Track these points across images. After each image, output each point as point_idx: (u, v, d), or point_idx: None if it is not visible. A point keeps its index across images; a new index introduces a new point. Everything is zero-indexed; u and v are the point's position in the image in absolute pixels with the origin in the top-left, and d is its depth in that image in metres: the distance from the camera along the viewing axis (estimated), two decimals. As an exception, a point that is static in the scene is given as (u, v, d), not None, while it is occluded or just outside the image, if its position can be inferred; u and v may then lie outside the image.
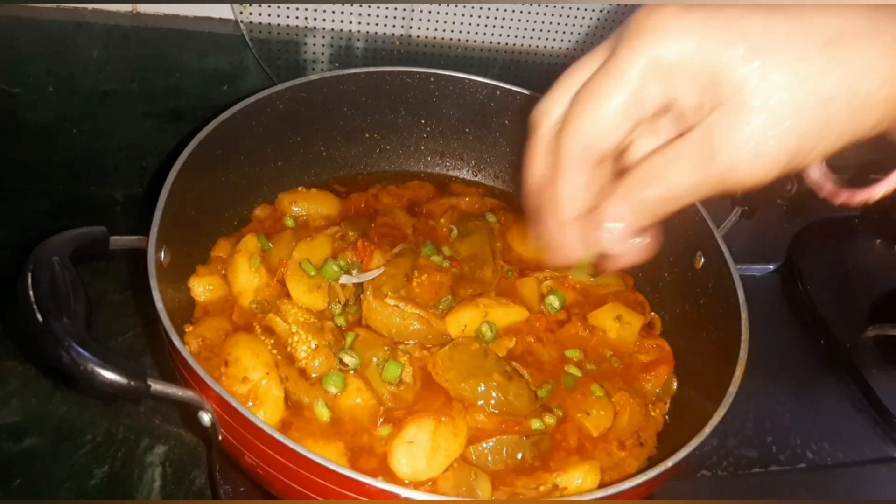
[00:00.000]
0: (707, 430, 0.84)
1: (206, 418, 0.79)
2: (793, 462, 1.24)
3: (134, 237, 0.90)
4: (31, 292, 0.73)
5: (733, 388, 0.89)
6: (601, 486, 0.94)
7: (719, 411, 0.86)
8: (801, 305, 1.49)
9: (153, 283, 0.83)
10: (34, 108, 1.40)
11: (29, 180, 1.47)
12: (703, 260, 1.12)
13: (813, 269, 1.55)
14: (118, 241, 0.89)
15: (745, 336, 0.96)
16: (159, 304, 0.81)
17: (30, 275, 0.74)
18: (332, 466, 0.71)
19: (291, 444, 0.72)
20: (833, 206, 1.74)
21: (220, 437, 0.82)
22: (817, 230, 1.67)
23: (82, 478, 1.10)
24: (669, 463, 0.80)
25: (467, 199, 1.33)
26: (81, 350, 0.71)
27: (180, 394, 0.76)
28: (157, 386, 0.74)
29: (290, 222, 1.18)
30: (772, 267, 1.59)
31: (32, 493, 1.07)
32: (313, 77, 1.20)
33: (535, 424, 0.99)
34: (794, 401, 1.34)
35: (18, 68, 1.34)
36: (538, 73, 1.47)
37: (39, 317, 0.71)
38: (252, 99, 1.12)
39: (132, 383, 0.72)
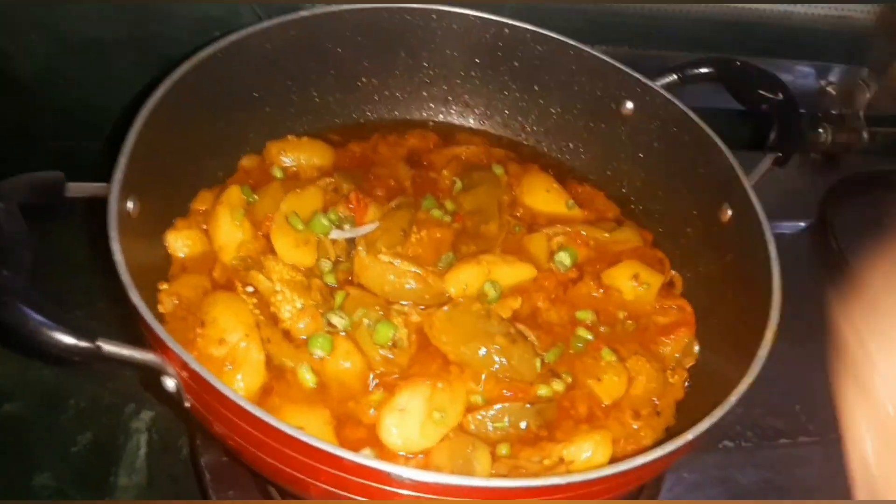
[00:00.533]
0: (733, 399, 0.75)
1: (169, 383, 0.72)
2: (823, 433, 1.15)
3: (96, 184, 0.81)
4: (-32, 242, 0.64)
5: (763, 353, 0.80)
6: (613, 459, 0.86)
7: (746, 378, 0.77)
8: (833, 265, 1.39)
9: (112, 232, 0.75)
10: (21, 60, 1.31)
11: (17, 136, 1.39)
12: (730, 212, 1.02)
13: (847, 226, 1.45)
14: (78, 187, 0.80)
15: (776, 296, 0.86)
16: (117, 255, 0.73)
17: (-31, 223, 0.66)
18: (304, 438, 0.63)
19: (260, 414, 0.64)
20: (868, 160, 1.64)
21: (187, 405, 0.74)
22: (851, 185, 1.57)
23: (65, 444, 1.05)
24: (689, 436, 0.71)
25: (473, 148, 1.23)
26: (23, 306, 0.63)
27: (137, 356, 0.68)
28: (109, 347, 0.66)
29: (277, 173, 1.09)
30: (803, 224, 1.49)
31: (12, 461, 1.01)
32: (303, 14, 1.09)
33: (542, 391, 0.91)
34: (824, 368, 1.24)
35: (4, 20, 1.25)
36: (553, 13, 1.35)
37: (-24, 269, 0.63)
38: (234, 37, 1.03)
39: (80, 344, 0.64)
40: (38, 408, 1.07)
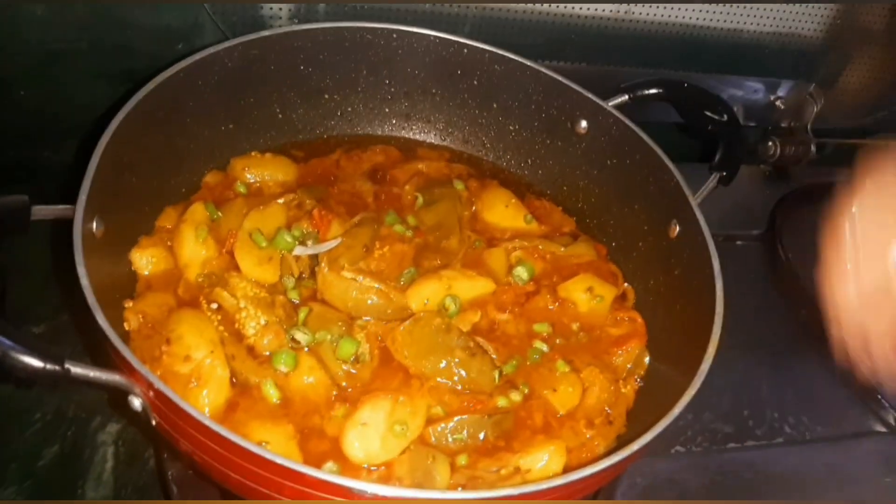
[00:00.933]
0: (676, 410, 0.79)
1: (136, 403, 0.73)
2: (770, 437, 1.20)
3: (60, 206, 0.82)
4: (-67, 268, 0.65)
5: (705, 366, 0.84)
6: (566, 467, 0.90)
7: (690, 390, 0.82)
8: (782, 275, 1.44)
9: (78, 256, 0.76)
10: (-26, 69, 1.31)
11: (-29, 147, 1.39)
12: (678, 228, 1.06)
13: (795, 237, 1.50)
14: (42, 210, 0.81)
15: (719, 310, 0.90)
16: (83, 279, 0.74)
17: (-67, 249, 0.67)
18: (267, 455, 0.65)
19: (223, 432, 0.66)
20: (817, 171, 1.70)
21: (153, 423, 0.75)
22: (801, 197, 1.62)
23: (30, 458, 1.04)
24: (636, 446, 0.75)
25: (434, 164, 1.26)
26: (-11, 331, 0.64)
27: (104, 377, 0.70)
28: (77, 369, 0.68)
29: (241, 188, 1.11)
30: (754, 233, 1.54)
31: (-26, 475, 1.01)
32: (265, 33, 1.11)
33: (500, 402, 0.94)
34: (772, 374, 1.30)
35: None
36: (511, 31, 1.39)
37: (-59, 295, 0.64)
38: (197, 56, 1.04)
39: (48, 367, 0.66)
40: (2, 421, 1.06)
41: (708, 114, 1.13)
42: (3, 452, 1.03)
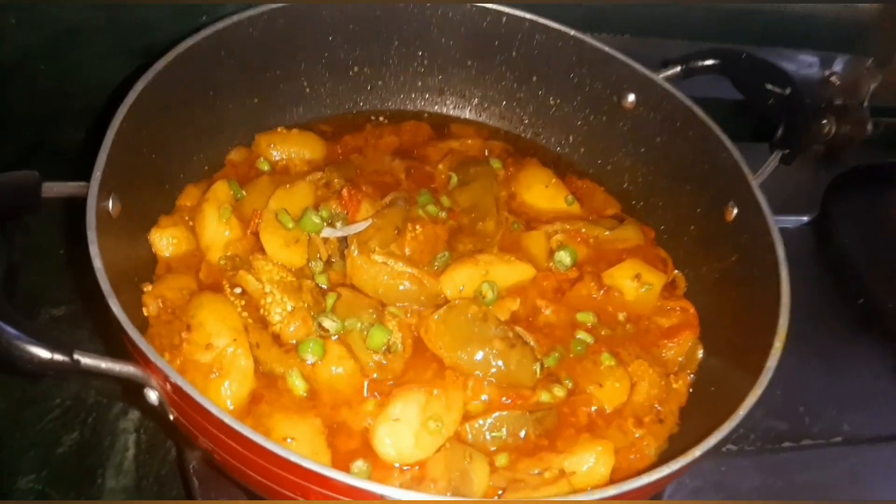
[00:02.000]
0: (741, 411, 0.73)
1: (152, 396, 0.68)
2: (827, 436, 1.13)
3: (73, 183, 0.77)
4: (-66, 250, 0.60)
5: (772, 363, 0.77)
6: (615, 469, 0.83)
7: (755, 390, 0.75)
8: (836, 262, 1.37)
9: (91, 234, 0.71)
10: (-6, 43, 1.26)
11: (-12, 124, 1.35)
12: (735, 211, 0.98)
13: (850, 220, 1.43)
14: (54, 188, 0.76)
15: (785, 300, 0.83)
16: (96, 261, 0.69)
17: (-65, 229, 0.62)
18: (292, 457, 0.60)
19: (246, 431, 0.61)
20: (869, 152, 1.61)
21: (171, 418, 0.70)
22: (855, 178, 1.54)
23: (49, 445, 1.01)
24: (697, 452, 0.68)
25: (469, 141, 1.19)
26: (-6, 318, 0.59)
27: (118, 369, 0.65)
28: (87, 360, 0.62)
29: (264, 165, 1.05)
30: (805, 219, 1.46)
31: (-7, 462, 0.98)
32: (292, 1, 1.05)
33: (543, 397, 0.88)
34: (828, 367, 1.22)
35: (-25, 1, 1.21)
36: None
37: (-56, 279, 0.59)
38: (219, 25, 0.98)
39: (56, 358, 0.61)
40: (21, 408, 1.03)
41: (769, 87, 1.04)
42: (21, 440, 1.01)
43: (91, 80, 1.32)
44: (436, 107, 1.25)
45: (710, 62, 1.09)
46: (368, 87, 1.21)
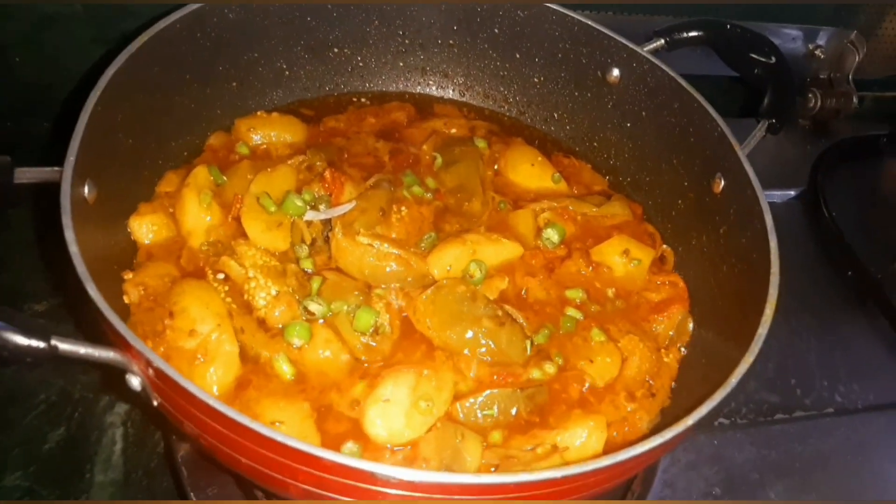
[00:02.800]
0: (733, 380, 0.72)
1: (134, 382, 0.67)
2: (819, 406, 1.13)
3: (47, 168, 0.75)
4: None
5: (763, 330, 0.76)
6: (608, 443, 0.82)
7: (747, 357, 0.74)
8: (826, 234, 1.36)
9: (66, 219, 0.69)
10: (-36, 35, 1.24)
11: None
12: (723, 182, 0.97)
13: (838, 194, 1.42)
14: (26, 173, 0.74)
15: (774, 269, 0.82)
16: (72, 246, 0.67)
17: None
18: (280, 438, 0.58)
19: (231, 413, 0.59)
20: (857, 125, 1.61)
21: (155, 403, 0.69)
22: (842, 151, 1.54)
23: (35, 442, 1.00)
24: (689, 421, 0.67)
25: (453, 121, 1.17)
26: (-34, 305, 0.57)
27: (97, 354, 0.63)
28: (65, 345, 0.61)
29: (243, 149, 1.03)
30: (793, 192, 1.46)
31: (-23, 461, 0.96)
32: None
33: (534, 374, 0.87)
34: (819, 339, 1.22)
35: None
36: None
37: (-89, 266, 0.57)
38: (194, 6, 0.96)
39: (32, 343, 0.59)
40: (5, 406, 1.02)
41: (754, 56, 1.03)
42: (7, 437, 0.99)
43: (70, 70, 1.30)
44: (418, 87, 1.23)
45: (694, 33, 1.07)
46: (349, 69, 1.19)
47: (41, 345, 0.59)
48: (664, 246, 1.06)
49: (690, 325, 0.97)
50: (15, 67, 1.29)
